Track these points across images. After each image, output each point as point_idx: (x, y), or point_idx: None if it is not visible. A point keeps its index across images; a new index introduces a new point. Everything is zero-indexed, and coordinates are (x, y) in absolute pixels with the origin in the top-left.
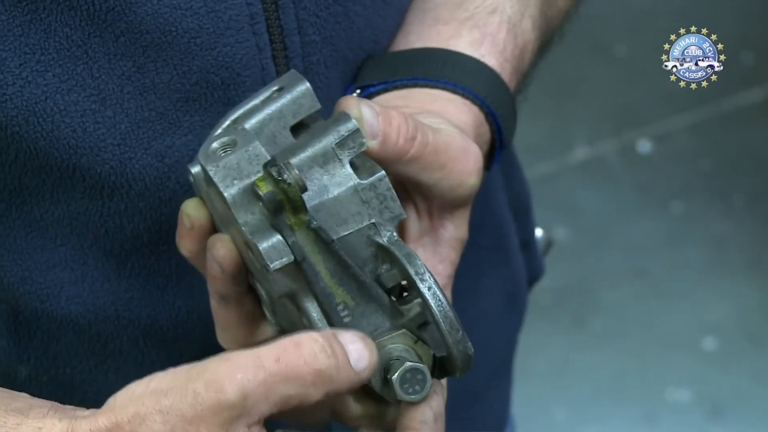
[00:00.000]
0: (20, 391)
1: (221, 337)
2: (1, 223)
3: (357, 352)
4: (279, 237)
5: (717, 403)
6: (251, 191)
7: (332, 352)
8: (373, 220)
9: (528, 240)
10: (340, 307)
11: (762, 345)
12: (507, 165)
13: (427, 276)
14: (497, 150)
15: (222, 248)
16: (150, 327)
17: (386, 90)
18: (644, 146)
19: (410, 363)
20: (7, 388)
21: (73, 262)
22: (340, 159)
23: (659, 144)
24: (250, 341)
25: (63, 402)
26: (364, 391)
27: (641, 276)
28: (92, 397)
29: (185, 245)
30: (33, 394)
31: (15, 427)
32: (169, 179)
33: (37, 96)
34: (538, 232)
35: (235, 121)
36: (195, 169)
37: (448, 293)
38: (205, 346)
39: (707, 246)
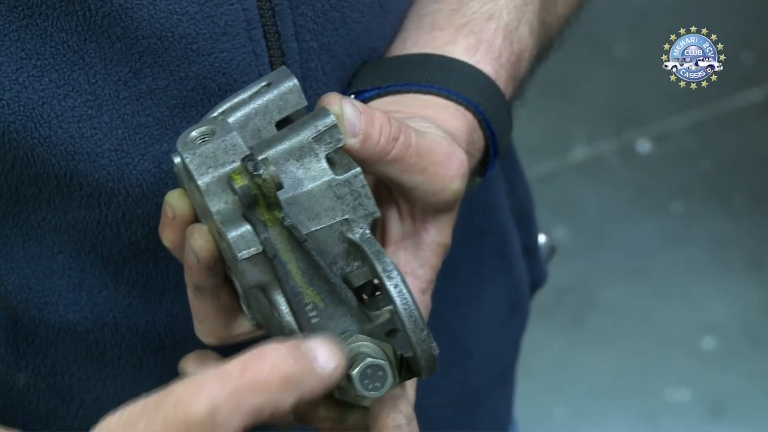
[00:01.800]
0: (18, 399)
1: (198, 329)
2: None
3: (324, 354)
4: (249, 227)
5: (716, 402)
6: (226, 181)
7: (298, 356)
8: (346, 217)
9: (531, 246)
10: (308, 308)
11: (762, 345)
12: (509, 170)
13: (394, 274)
14: (491, 157)
15: (199, 238)
16: (148, 334)
17: (380, 95)
18: (644, 146)
19: (371, 359)
20: (5, 395)
21: (71, 269)
22: (316, 154)
23: (659, 144)
24: (227, 334)
25: (62, 409)
26: (328, 394)
27: (641, 276)
28: (90, 404)
29: (167, 236)
30: (32, 401)
31: None
32: (166, 185)
33: (34, 101)
34: (542, 239)
35: (222, 114)
36: (177, 160)
37: (428, 298)
38: None
39: (707, 246)
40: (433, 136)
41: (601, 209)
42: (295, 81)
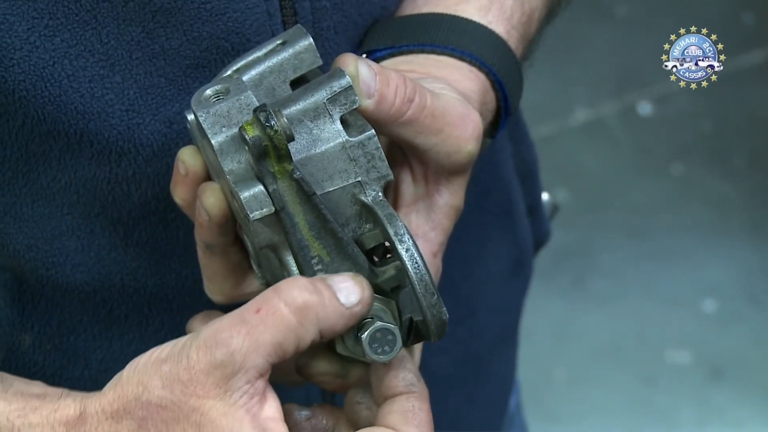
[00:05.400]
0: (24, 359)
1: (208, 288)
2: (8, 191)
3: (347, 289)
4: (262, 187)
5: (716, 364)
6: (239, 139)
7: (314, 289)
8: (359, 179)
9: (534, 205)
10: (314, 261)
11: (762, 306)
12: (514, 130)
13: (406, 237)
14: (503, 117)
15: (211, 196)
16: (156, 295)
17: (392, 55)
18: (645, 108)
19: (381, 323)
20: (11, 357)
21: (80, 230)
22: (330, 115)
23: (660, 105)
24: (236, 293)
25: (67, 369)
26: (330, 348)
27: (641, 237)
28: (96, 365)
29: (179, 193)
30: (37, 362)
31: (34, 410)
32: (177, 145)
33: (45, 61)
34: (544, 197)
35: (236, 71)
36: (191, 117)
37: (439, 261)
38: None
39: (708, 207)
40: (447, 97)
41: (602, 171)
42: (311, 40)
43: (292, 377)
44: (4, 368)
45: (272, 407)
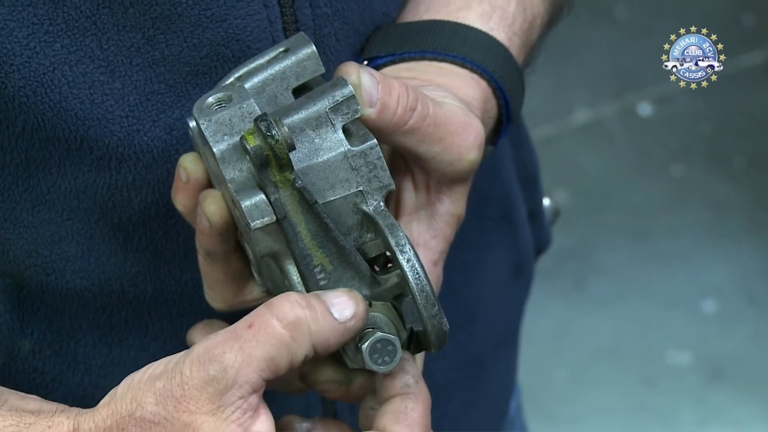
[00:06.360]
0: (23, 365)
1: (208, 295)
2: (8, 197)
3: (340, 303)
4: (263, 196)
5: (716, 365)
6: (241, 147)
7: (306, 304)
8: (361, 188)
9: (536, 210)
10: (317, 270)
11: (762, 307)
12: (515, 135)
13: (407, 248)
14: (504, 124)
15: (212, 203)
16: (156, 301)
17: (394, 62)
18: (645, 109)
19: (381, 333)
20: (10, 362)
21: (80, 236)
22: (333, 124)
23: (660, 107)
24: (237, 301)
25: (67, 375)
26: (333, 357)
27: (641, 239)
28: (96, 370)
29: (180, 199)
30: (36, 368)
31: (27, 426)
32: (177, 151)
33: (45, 67)
34: (546, 202)
35: (239, 79)
36: (193, 124)
37: (440, 269)
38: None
39: (707, 209)
40: (449, 105)
41: (602, 172)
42: (314, 48)
43: (295, 385)
44: (3, 374)
45: (264, 423)
